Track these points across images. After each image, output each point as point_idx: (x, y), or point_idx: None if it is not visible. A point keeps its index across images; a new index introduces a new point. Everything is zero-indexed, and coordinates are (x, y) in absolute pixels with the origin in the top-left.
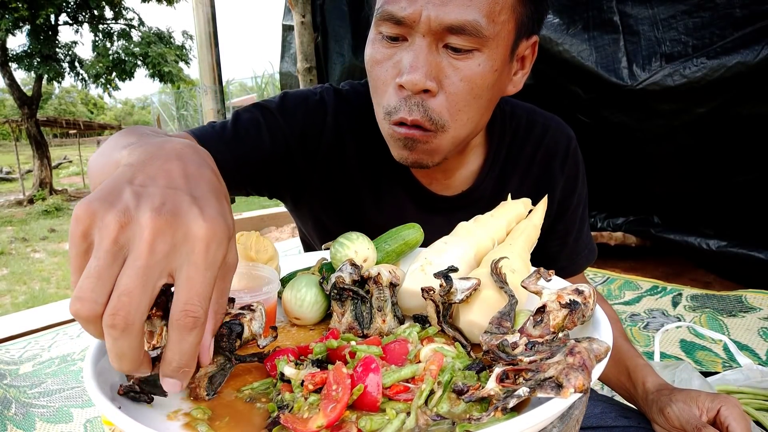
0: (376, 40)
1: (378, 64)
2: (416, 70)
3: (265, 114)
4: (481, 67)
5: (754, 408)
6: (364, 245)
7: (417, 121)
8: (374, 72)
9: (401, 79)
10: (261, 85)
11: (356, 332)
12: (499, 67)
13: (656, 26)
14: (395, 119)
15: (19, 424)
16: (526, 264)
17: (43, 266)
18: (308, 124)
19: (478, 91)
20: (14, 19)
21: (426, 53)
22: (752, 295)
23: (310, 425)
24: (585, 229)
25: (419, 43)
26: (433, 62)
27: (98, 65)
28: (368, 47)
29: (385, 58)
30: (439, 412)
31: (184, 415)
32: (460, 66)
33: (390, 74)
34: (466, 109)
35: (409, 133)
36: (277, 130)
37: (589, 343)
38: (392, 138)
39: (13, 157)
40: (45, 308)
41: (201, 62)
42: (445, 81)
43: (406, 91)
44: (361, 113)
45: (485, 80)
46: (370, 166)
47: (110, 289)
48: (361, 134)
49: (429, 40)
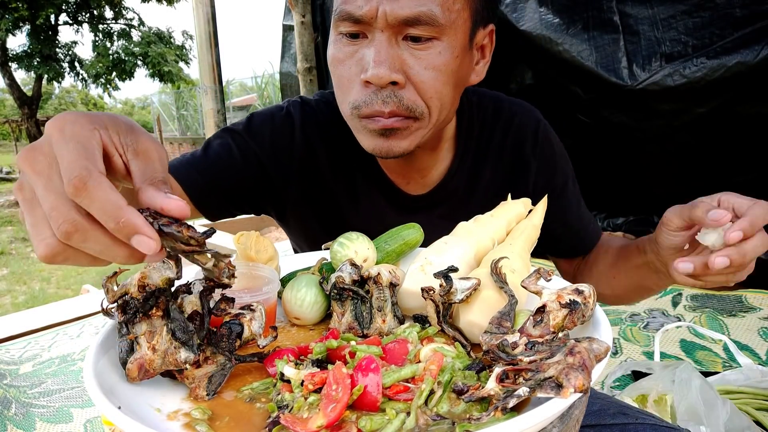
0: (337, 40)
1: (341, 62)
2: (380, 64)
3: (234, 137)
4: (442, 55)
5: (754, 408)
6: (364, 245)
7: (394, 112)
8: (338, 71)
9: (366, 74)
10: (261, 85)
11: (356, 332)
12: (459, 54)
13: (656, 26)
14: (366, 112)
15: (19, 424)
16: (526, 264)
17: (43, 266)
18: (277, 140)
19: (444, 77)
20: (14, 19)
21: (387, 47)
22: (752, 295)
23: (310, 425)
24: (582, 204)
25: (379, 38)
26: (395, 55)
27: (98, 65)
28: (330, 48)
29: (347, 56)
30: (439, 412)
31: (184, 415)
32: (421, 56)
33: (354, 71)
34: (437, 96)
35: (388, 123)
36: (247, 151)
37: (589, 343)
38: (365, 130)
39: (13, 157)
40: (45, 308)
41: (201, 62)
42: (410, 72)
43: (373, 86)
44: (330, 121)
45: (448, 67)
46: (344, 172)
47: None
48: (331, 142)
49: (388, 34)
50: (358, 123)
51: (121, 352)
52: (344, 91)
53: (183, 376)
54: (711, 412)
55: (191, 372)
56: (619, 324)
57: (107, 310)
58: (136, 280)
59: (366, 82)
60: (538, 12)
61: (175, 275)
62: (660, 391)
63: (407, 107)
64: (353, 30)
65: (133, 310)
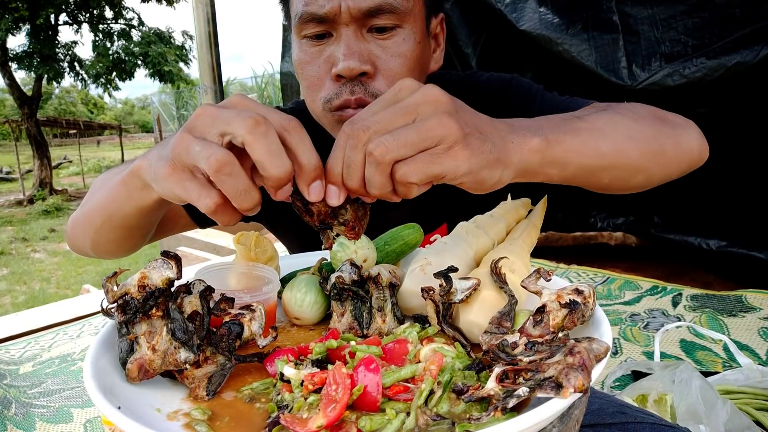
0: (302, 44)
1: (308, 63)
2: (350, 57)
3: None
4: (406, 42)
5: (754, 408)
6: (364, 245)
7: (361, 99)
8: (306, 71)
9: (337, 68)
10: (261, 85)
11: (356, 332)
12: (421, 40)
13: (656, 26)
14: (337, 104)
15: (19, 424)
16: (526, 264)
17: (43, 266)
18: None
19: (411, 63)
20: (14, 19)
21: (354, 40)
22: (752, 295)
23: (310, 425)
24: (562, 97)
25: (346, 33)
26: (363, 48)
27: (98, 65)
28: (295, 53)
29: (314, 57)
30: (439, 412)
31: (183, 415)
32: (387, 45)
33: (323, 69)
34: None
35: (356, 111)
36: None
37: (589, 343)
38: (338, 123)
39: (13, 157)
40: (45, 308)
41: (201, 62)
42: (378, 62)
43: (343, 80)
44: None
45: (414, 53)
46: None
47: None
48: None
49: (354, 28)
50: (330, 117)
51: (121, 352)
52: (315, 89)
53: (183, 376)
54: (711, 412)
55: (191, 372)
56: (619, 324)
57: (107, 310)
58: (136, 281)
59: (337, 76)
60: (538, 12)
61: (175, 275)
62: (660, 391)
63: (373, 95)
64: (318, 30)
65: (133, 310)
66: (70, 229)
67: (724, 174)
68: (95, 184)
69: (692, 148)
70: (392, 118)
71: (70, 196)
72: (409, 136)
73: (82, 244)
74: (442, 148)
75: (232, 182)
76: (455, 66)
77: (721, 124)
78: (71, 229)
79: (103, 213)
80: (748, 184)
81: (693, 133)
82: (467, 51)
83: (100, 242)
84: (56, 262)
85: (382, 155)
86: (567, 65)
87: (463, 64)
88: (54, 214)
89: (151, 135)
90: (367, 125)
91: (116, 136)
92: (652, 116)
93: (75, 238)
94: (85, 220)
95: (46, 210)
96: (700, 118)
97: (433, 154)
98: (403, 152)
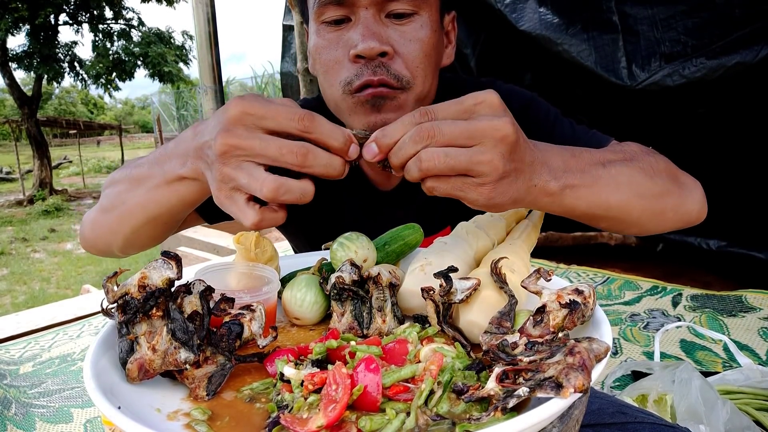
0: (320, 30)
1: (327, 48)
2: (369, 38)
3: None
4: (423, 28)
5: (754, 408)
6: (364, 245)
7: (384, 80)
8: (324, 56)
9: (356, 49)
10: (261, 85)
11: (356, 332)
12: (437, 29)
13: (655, 26)
14: (358, 84)
15: (19, 424)
16: (526, 264)
17: (43, 266)
18: None
19: (428, 49)
20: (14, 19)
21: (373, 23)
22: (752, 295)
23: (310, 425)
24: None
25: (365, 16)
26: (382, 31)
27: (98, 65)
28: (312, 39)
29: (332, 41)
30: (439, 412)
31: (183, 415)
32: (405, 30)
33: (342, 53)
34: (422, 66)
35: (377, 90)
36: None
37: (589, 343)
38: (358, 105)
39: (13, 157)
40: (45, 308)
41: (201, 62)
42: (396, 45)
43: (363, 61)
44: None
45: (431, 39)
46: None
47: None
48: None
49: (373, 11)
50: (350, 101)
51: (121, 352)
52: (333, 73)
53: (183, 376)
54: (711, 412)
55: (191, 372)
56: (619, 324)
57: (107, 310)
58: (136, 281)
59: (356, 57)
60: (538, 12)
61: (175, 275)
62: (660, 391)
63: (395, 76)
64: (337, 15)
65: (133, 310)
66: (89, 231)
67: (723, 174)
68: (115, 185)
69: (691, 211)
70: (458, 135)
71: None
72: (460, 163)
73: (106, 246)
74: (475, 183)
75: (317, 163)
76: (454, 66)
77: (721, 124)
78: (91, 231)
79: (144, 213)
80: (747, 184)
81: (697, 196)
82: (466, 51)
83: (135, 242)
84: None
85: (427, 168)
86: (567, 65)
87: (463, 65)
88: (54, 214)
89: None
90: (434, 132)
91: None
92: (667, 174)
93: (97, 239)
94: (117, 223)
95: (46, 210)
96: (700, 118)
97: (465, 182)
98: (446, 172)
